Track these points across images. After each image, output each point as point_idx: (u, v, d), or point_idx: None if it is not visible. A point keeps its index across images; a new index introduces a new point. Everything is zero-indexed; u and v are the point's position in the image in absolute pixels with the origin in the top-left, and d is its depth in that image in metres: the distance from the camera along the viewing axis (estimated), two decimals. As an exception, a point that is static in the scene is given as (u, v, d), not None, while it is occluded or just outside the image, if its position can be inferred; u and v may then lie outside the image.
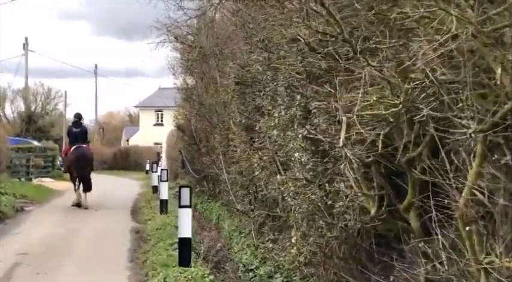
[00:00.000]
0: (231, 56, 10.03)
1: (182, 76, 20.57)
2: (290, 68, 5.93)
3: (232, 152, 12.01)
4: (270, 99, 7.27)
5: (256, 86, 8.32)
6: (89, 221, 14.37)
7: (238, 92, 9.13)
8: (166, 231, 10.68)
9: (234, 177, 11.38)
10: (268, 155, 7.54)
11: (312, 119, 5.56)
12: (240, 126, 9.29)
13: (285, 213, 7.15)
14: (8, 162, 24.71)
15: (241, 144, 9.48)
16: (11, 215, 15.15)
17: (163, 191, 13.39)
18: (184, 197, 7.52)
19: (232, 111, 11.00)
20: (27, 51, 42.30)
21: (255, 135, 8.76)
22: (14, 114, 49.03)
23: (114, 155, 49.68)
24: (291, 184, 6.06)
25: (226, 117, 12.23)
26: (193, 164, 19.45)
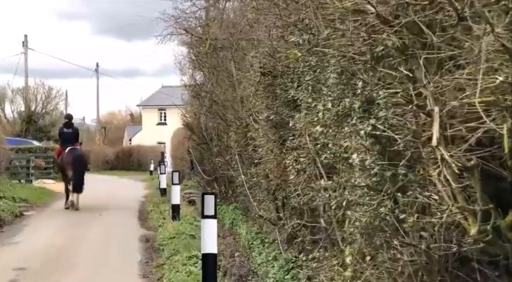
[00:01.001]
0: (256, 44, 8.90)
1: (190, 72, 19.47)
2: (345, 50, 4.79)
3: (253, 151, 10.90)
4: (310, 91, 6.13)
5: (288, 76, 7.18)
6: (93, 227, 13.25)
7: (264, 84, 8.00)
8: (181, 241, 9.55)
9: (256, 180, 10.25)
10: (307, 156, 6.41)
11: (376, 111, 4.42)
12: (266, 123, 8.14)
13: (330, 226, 6.02)
14: (7, 164, 23.62)
15: (267, 144, 8.34)
16: (9, 221, 14.04)
17: (174, 195, 12.27)
18: (208, 206, 6.39)
19: (253, 106, 9.88)
20: (27, 48, 41.21)
21: (286, 133, 7.63)
22: (13, 114, 47.96)
23: (116, 155, 48.63)
24: (347, 192, 4.92)
25: (245, 114, 11.10)
26: (202, 164, 18.34)
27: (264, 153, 9.04)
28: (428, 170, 3.90)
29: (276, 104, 7.96)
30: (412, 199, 4.22)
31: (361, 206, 4.72)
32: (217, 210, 15.88)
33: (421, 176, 4.17)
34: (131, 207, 17.45)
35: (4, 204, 15.14)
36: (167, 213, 13.48)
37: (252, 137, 10.58)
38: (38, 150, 30.16)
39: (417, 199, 4.17)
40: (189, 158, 21.08)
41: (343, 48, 4.87)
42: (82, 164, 16.50)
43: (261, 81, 8.13)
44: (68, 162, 16.26)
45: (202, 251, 6.51)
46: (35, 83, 46.82)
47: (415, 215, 4.24)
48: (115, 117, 77.14)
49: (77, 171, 16.16)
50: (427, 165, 3.91)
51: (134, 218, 14.83)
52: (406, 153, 4.19)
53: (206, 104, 16.69)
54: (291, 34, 6.41)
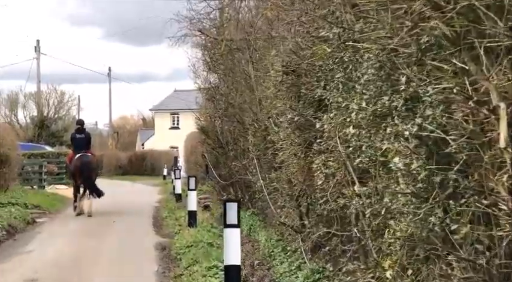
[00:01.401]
0: (276, 42, 8.46)
1: (204, 74, 19.07)
2: (384, 42, 4.33)
3: (272, 155, 10.45)
4: (341, 89, 5.67)
5: (314, 75, 6.73)
6: (107, 235, 12.84)
7: (287, 84, 7.55)
8: (199, 250, 9.11)
9: (276, 185, 9.80)
10: (336, 159, 5.95)
11: (422, 110, 3.96)
12: (289, 126, 7.69)
13: (364, 236, 5.55)
14: (19, 170, 23.31)
15: (290, 147, 7.89)
16: (22, 229, 13.67)
17: (191, 200, 11.83)
18: (230, 214, 5.94)
19: (273, 108, 9.44)
20: (39, 53, 40.99)
21: (311, 135, 7.18)
22: (26, 119, 47.76)
23: (129, 159, 48.29)
24: (387, 199, 4.46)
25: (264, 116, 10.66)
26: (218, 169, 17.91)
27: (286, 157, 8.59)
28: (488, 175, 3.43)
29: (300, 105, 7.51)
30: (466, 208, 3.75)
31: (405, 215, 4.25)
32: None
33: (476, 182, 3.70)
34: (145, 213, 17.04)
35: (16, 211, 14.79)
36: (183, 219, 13.05)
37: (271, 141, 10.14)
38: (50, 155, 29.84)
39: (470, 207, 3.71)
40: (203, 163, 20.67)
41: (382, 40, 4.40)
42: (90, 170, 16.26)
43: (284, 81, 7.68)
44: (76, 167, 16.21)
45: (225, 263, 6.06)
46: (47, 88, 46.65)
47: (468, 225, 3.78)
48: (127, 122, 76.94)
49: (85, 177, 16.08)
50: (487, 170, 3.44)
51: (149, 225, 14.41)
52: (459, 156, 3.72)
53: (221, 107, 16.28)
54: (319, 28, 5.96)
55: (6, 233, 12.50)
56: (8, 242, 11.93)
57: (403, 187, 4.21)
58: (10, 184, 20.00)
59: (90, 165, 16.35)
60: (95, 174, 16.94)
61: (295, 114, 7.35)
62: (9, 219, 13.54)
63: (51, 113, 46.54)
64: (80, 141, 16.58)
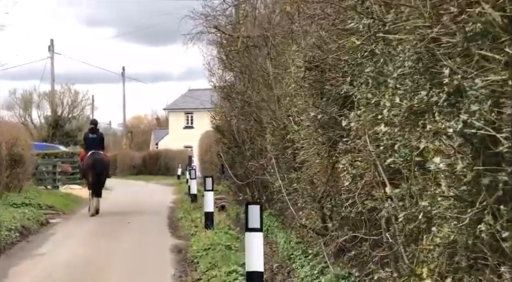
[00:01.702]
0: (298, 37, 8.10)
1: (219, 73, 18.74)
2: (424, 32, 3.98)
3: (292, 155, 10.12)
4: (371, 84, 5.32)
5: (340, 70, 6.37)
6: (122, 236, 12.55)
7: (310, 81, 7.19)
8: (217, 254, 8.78)
9: (297, 186, 9.46)
10: (365, 159, 5.59)
11: (467, 105, 3.59)
12: (312, 124, 7.34)
13: (396, 241, 5.19)
14: (33, 170, 23.11)
15: (313, 146, 7.54)
16: (35, 230, 13.41)
17: (208, 201, 11.49)
18: (253, 217, 5.61)
19: (294, 105, 9.10)
20: (53, 53, 40.86)
21: (336, 134, 6.83)
22: (40, 119, 47.68)
23: (143, 159, 48.12)
24: (426, 202, 4.10)
25: (283, 115, 10.32)
26: (233, 168, 17.56)
27: (308, 157, 8.25)
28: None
29: (323, 102, 7.16)
30: None
31: (447, 220, 3.89)
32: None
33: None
34: (160, 214, 16.75)
35: (30, 212, 14.54)
36: (199, 220, 12.74)
37: (291, 140, 9.80)
38: (64, 155, 29.67)
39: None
40: (219, 162, 20.34)
41: (420, 30, 4.04)
42: (102, 167, 16.27)
43: (306, 77, 7.32)
44: (88, 165, 16.21)
45: (247, 269, 5.72)
46: (61, 88, 46.54)
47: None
48: (141, 122, 76.89)
49: (97, 174, 16.04)
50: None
51: (164, 226, 14.11)
52: (511, 156, 3.36)
53: (238, 106, 15.94)
54: (347, 20, 5.60)
55: (20, 234, 12.24)
56: (21, 244, 11.67)
57: (445, 190, 3.84)
58: (24, 184, 19.78)
59: (103, 162, 16.34)
60: (107, 172, 16.86)
61: (319, 112, 6.99)
62: (22, 220, 13.29)
63: (65, 112, 46.42)
64: (93, 141, 16.57)
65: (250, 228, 5.61)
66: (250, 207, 5.66)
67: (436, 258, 4.38)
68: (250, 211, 5.63)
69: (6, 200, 16.82)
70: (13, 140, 18.45)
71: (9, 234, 11.70)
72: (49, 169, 25.48)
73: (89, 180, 16.52)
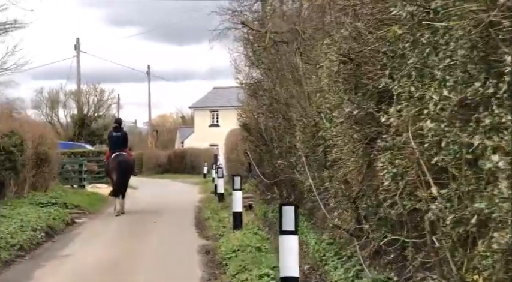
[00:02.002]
0: (330, 29, 7.75)
1: (246, 70, 18.43)
2: (480, 17, 3.60)
3: (323, 153, 9.77)
4: (414, 77, 4.95)
5: (378, 62, 6.01)
6: (148, 236, 12.29)
7: (345, 74, 6.83)
8: (247, 255, 8.45)
9: (329, 185, 9.11)
10: (407, 157, 5.22)
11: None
12: (347, 120, 6.97)
13: (442, 244, 4.81)
14: (59, 169, 23.01)
15: (347, 144, 7.17)
16: (61, 230, 13.22)
17: (236, 201, 11.17)
18: (287, 219, 5.28)
19: (325, 101, 8.74)
20: (79, 51, 40.89)
21: (372, 130, 6.47)
22: (66, 118, 47.79)
23: (168, 157, 48.00)
24: (482, 205, 3.73)
25: (314, 111, 9.96)
26: (261, 167, 17.24)
27: (342, 155, 7.88)
28: None
29: (359, 97, 6.79)
30: None
31: (507, 224, 3.52)
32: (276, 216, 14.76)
33: None
34: (187, 214, 16.49)
35: (55, 212, 14.36)
36: (227, 220, 12.43)
37: (322, 137, 9.44)
38: (90, 154, 29.60)
39: None
40: (246, 161, 20.03)
41: (475, 15, 3.67)
42: (126, 169, 16.21)
43: (340, 71, 6.96)
44: (112, 167, 16.27)
45: (281, 274, 5.39)
46: (87, 86, 46.58)
47: None
48: (166, 120, 76.93)
49: (121, 176, 16.07)
50: None
51: (191, 226, 13.83)
52: None
53: (265, 103, 15.62)
54: (388, 8, 5.23)
55: (45, 234, 12.05)
56: (46, 245, 11.47)
57: (504, 191, 3.47)
58: (50, 183, 19.67)
59: (127, 164, 16.30)
60: (130, 173, 16.75)
61: (354, 107, 6.63)
62: (48, 220, 13.11)
63: (91, 111, 46.46)
64: (117, 140, 16.48)
65: (284, 230, 5.27)
66: (284, 209, 5.32)
67: (491, 265, 4.01)
68: (284, 212, 5.29)
69: (33, 199, 16.68)
70: (39, 138, 18.32)
71: (35, 235, 11.51)
72: (75, 168, 25.36)
73: (113, 181, 16.59)
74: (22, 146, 16.08)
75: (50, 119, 46.89)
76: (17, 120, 18.21)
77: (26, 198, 16.64)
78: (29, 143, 17.21)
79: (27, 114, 22.56)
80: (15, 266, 9.43)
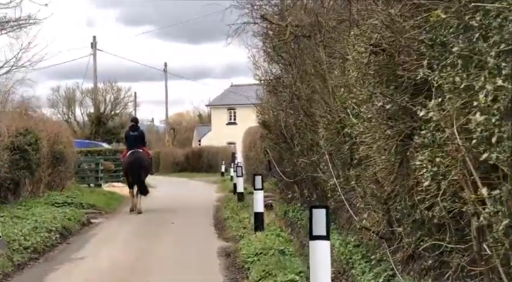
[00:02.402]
0: (360, 18, 7.27)
1: (264, 66, 17.95)
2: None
3: (349, 151, 9.31)
4: (460, 66, 4.46)
5: (413, 52, 5.53)
6: (165, 237, 11.89)
7: (376, 66, 6.35)
8: (270, 259, 7.99)
9: (355, 184, 8.64)
10: (450, 154, 4.74)
11: None
12: (379, 115, 6.49)
13: (493, 252, 4.33)
14: (76, 168, 22.69)
15: (378, 141, 6.69)
16: (76, 231, 12.86)
17: (258, 201, 10.71)
18: (318, 223, 4.81)
19: (352, 96, 8.28)
20: (96, 49, 40.60)
21: (407, 126, 5.99)
22: (83, 116, 47.56)
23: (186, 156, 47.66)
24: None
25: (338, 107, 9.49)
26: (281, 165, 16.77)
27: (371, 153, 7.40)
28: None
29: (391, 90, 6.31)
30: None
31: None
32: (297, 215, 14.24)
33: None
34: (205, 213, 16.07)
35: (71, 212, 14.00)
36: (247, 221, 11.99)
37: (348, 134, 8.97)
38: (107, 152, 29.28)
39: None
40: (265, 159, 19.56)
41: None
42: (140, 167, 16.10)
43: (371, 62, 6.48)
44: (126, 164, 16.37)
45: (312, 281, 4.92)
46: (103, 84, 46.31)
47: None
48: (183, 118, 76.65)
49: (135, 174, 16.03)
50: None
51: (210, 226, 13.40)
52: None
53: (286, 99, 15.14)
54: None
55: (60, 235, 11.69)
56: (61, 247, 11.10)
57: None
58: (66, 183, 19.34)
59: (141, 162, 16.16)
60: (145, 171, 16.62)
61: (387, 102, 6.14)
62: (63, 220, 12.74)
63: (107, 109, 46.23)
64: (133, 139, 16.49)
65: (315, 235, 4.81)
66: (315, 212, 4.85)
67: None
68: (315, 216, 4.83)
69: (48, 199, 16.36)
70: (54, 137, 17.98)
71: (49, 236, 11.15)
72: (91, 167, 25.02)
73: (128, 179, 16.59)
74: (37, 144, 15.73)
75: (67, 117, 46.73)
76: (32, 118, 17.86)
77: (41, 198, 16.31)
78: (44, 141, 16.86)
79: (43, 112, 22.15)
80: (28, 269, 9.06)
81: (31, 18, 13.88)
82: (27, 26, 13.49)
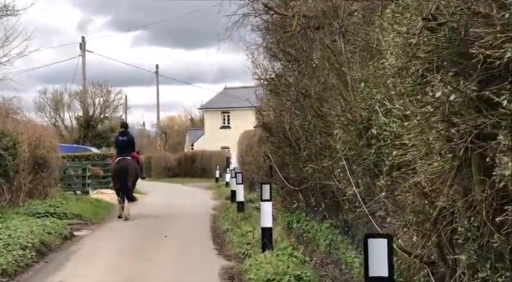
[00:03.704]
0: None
1: (264, 64, 16.52)
2: None
3: (376, 155, 7.89)
4: None
5: (497, 21, 4.10)
6: (158, 255, 10.41)
7: (431, 46, 4.91)
8: (286, 289, 6.53)
9: (385, 196, 7.21)
10: None
11: None
12: (435, 110, 5.05)
13: None
14: (61, 174, 21.18)
15: (436, 142, 5.25)
16: (57, 246, 11.39)
17: (266, 214, 9.20)
18: (376, 259, 3.39)
19: (382, 92, 6.88)
20: (84, 51, 39.07)
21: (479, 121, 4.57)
22: (71, 120, 45.89)
23: (178, 160, 46.18)
24: None
25: (363, 104, 8.07)
26: (283, 171, 15.34)
27: (412, 158, 5.98)
28: None
29: (448, 77, 4.88)
30: None
31: None
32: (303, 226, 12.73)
33: None
34: (201, 224, 14.64)
35: (52, 224, 12.49)
36: (251, 236, 10.53)
37: (374, 136, 7.54)
38: (95, 157, 27.78)
39: None
40: (266, 164, 18.11)
41: None
42: (126, 175, 15.92)
43: (421, 43, 5.05)
44: (113, 171, 16.41)
45: None
46: (92, 87, 44.65)
47: None
48: (175, 122, 75.15)
49: (122, 181, 15.94)
50: None
51: (208, 240, 11.95)
52: None
53: (291, 99, 13.73)
54: None
55: (36, 253, 10.21)
56: (37, 266, 9.63)
57: None
58: (49, 190, 17.87)
59: (127, 170, 15.97)
60: (132, 179, 16.30)
61: (448, 92, 4.71)
62: (41, 234, 11.26)
63: (97, 112, 44.58)
64: (123, 144, 16.37)
65: (373, 277, 3.37)
66: (371, 242, 3.41)
67: None
68: (371, 248, 3.39)
69: (29, 209, 14.91)
70: (36, 141, 16.49)
71: (24, 254, 9.66)
72: (78, 173, 23.46)
73: (116, 186, 16.46)
74: (15, 148, 14.24)
75: (54, 121, 45.07)
76: (12, 121, 16.35)
77: (21, 208, 14.86)
78: (25, 145, 15.39)
79: (25, 114, 20.61)
80: (-7, 297, 7.60)
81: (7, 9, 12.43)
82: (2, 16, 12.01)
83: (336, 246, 10.41)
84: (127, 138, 16.52)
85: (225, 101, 50.82)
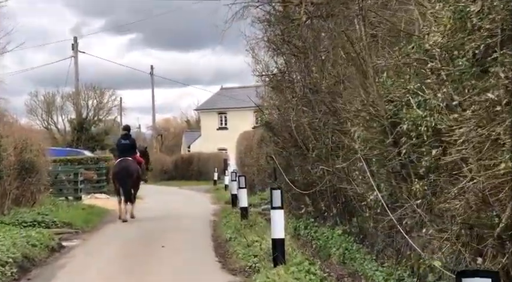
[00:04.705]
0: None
1: (265, 60, 15.49)
2: None
3: (406, 155, 6.86)
4: None
5: None
6: (154, 270, 9.30)
7: (499, 15, 3.85)
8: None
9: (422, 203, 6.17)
10: None
11: None
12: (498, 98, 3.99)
13: None
14: (52, 179, 20.05)
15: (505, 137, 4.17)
16: (42, 260, 10.28)
17: (277, 224, 8.06)
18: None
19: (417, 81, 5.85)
20: (77, 51, 37.91)
21: None
22: (64, 123, 44.71)
23: (175, 163, 45.09)
24: None
25: (389, 97, 7.02)
26: (288, 173, 14.28)
27: (463, 158, 4.92)
28: None
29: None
30: None
31: None
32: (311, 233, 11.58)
33: None
34: (202, 232, 13.56)
35: (37, 235, 11.36)
36: (259, 247, 9.43)
37: (405, 132, 6.49)
38: (89, 161, 26.64)
39: None
40: (270, 166, 17.06)
41: None
42: (127, 176, 15.87)
43: (484, 10, 4.00)
44: (114, 173, 16.43)
45: None
46: (85, 88, 43.47)
47: None
48: (171, 124, 74.06)
49: (122, 183, 15.91)
50: None
51: (209, 251, 10.85)
52: None
53: (297, 95, 12.69)
54: None
55: (19, 269, 9.09)
56: (18, 285, 8.52)
57: None
58: (38, 197, 16.73)
59: (128, 171, 15.90)
60: (133, 180, 16.15)
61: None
62: (25, 247, 10.15)
63: (90, 114, 43.41)
64: (125, 147, 16.40)
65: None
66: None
67: None
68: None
69: (14, 218, 13.81)
70: (23, 144, 15.38)
71: (3, 271, 8.56)
72: (70, 177, 22.32)
73: (116, 188, 16.40)
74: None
75: (47, 124, 43.89)
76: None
77: (6, 217, 13.76)
78: (10, 149, 14.29)
79: (12, 116, 19.48)
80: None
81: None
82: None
83: (351, 256, 9.37)
84: (129, 141, 16.56)
85: (221, 102, 49.72)
